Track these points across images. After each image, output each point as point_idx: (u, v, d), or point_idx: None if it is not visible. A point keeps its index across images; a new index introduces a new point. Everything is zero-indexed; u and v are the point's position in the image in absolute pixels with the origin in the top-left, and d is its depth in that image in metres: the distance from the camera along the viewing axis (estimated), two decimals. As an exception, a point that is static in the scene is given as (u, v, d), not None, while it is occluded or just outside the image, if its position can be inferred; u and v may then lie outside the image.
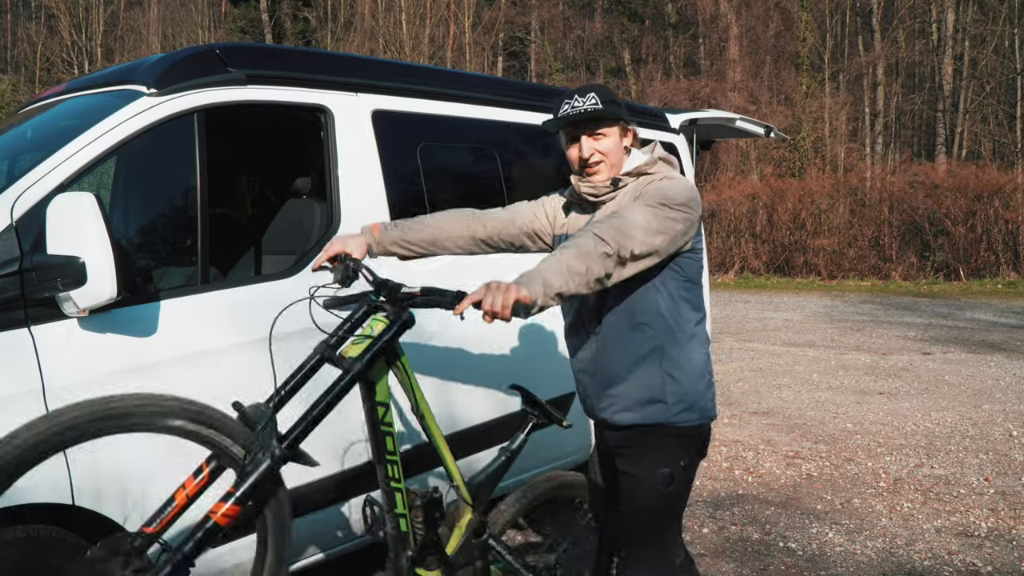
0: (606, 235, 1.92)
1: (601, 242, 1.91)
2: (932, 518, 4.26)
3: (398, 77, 3.29)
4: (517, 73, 32.72)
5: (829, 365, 8.53)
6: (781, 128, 20.89)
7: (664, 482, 2.15)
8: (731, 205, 18.97)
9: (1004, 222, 16.26)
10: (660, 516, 2.20)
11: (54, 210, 2.12)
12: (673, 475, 2.16)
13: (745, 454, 5.43)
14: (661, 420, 2.15)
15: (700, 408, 2.19)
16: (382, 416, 2.11)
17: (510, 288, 1.82)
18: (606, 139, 2.20)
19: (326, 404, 1.96)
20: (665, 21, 30.47)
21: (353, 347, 2.04)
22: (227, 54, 2.75)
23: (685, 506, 2.33)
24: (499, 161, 3.63)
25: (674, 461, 2.16)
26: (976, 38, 26.73)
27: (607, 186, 2.22)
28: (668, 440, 2.16)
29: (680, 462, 2.17)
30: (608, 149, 2.20)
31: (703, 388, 2.21)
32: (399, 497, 2.15)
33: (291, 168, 3.62)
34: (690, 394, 2.17)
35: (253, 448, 1.87)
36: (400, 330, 2.06)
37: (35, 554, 2.10)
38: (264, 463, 1.85)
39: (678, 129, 4.89)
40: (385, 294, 2.08)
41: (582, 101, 2.17)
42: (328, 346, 2.06)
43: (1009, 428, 5.98)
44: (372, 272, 2.20)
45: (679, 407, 2.15)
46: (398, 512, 2.15)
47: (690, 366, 2.18)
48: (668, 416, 2.15)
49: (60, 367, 2.19)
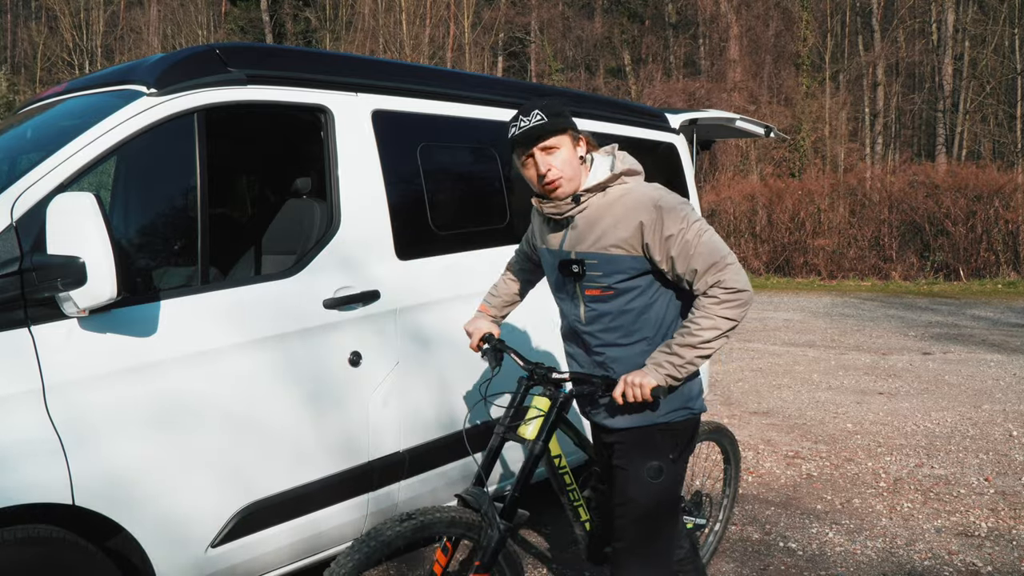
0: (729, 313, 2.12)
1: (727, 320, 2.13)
2: (932, 518, 4.26)
3: (398, 77, 3.29)
4: (517, 73, 32.72)
5: (829, 365, 8.53)
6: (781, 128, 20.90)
7: (653, 475, 2.28)
8: (731, 205, 18.97)
9: (1004, 222, 16.26)
10: (652, 508, 2.30)
11: (54, 210, 2.11)
12: (662, 468, 2.28)
13: (745, 454, 5.43)
14: (653, 422, 2.28)
15: (688, 405, 2.31)
16: (559, 464, 2.56)
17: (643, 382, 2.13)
18: (558, 151, 2.20)
19: (524, 480, 2.34)
20: (665, 21, 30.47)
21: (527, 428, 2.37)
22: (227, 54, 2.75)
23: (680, 499, 2.40)
24: (499, 161, 3.64)
25: (663, 455, 2.28)
26: (976, 38, 26.74)
27: (569, 204, 2.23)
28: (657, 436, 2.28)
29: (669, 455, 2.28)
30: (562, 162, 2.20)
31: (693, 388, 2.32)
32: (581, 511, 2.68)
33: (291, 168, 3.62)
34: (681, 395, 2.29)
35: (484, 526, 2.28)
36: (560, 409, 2.37)
37: (36, 554, 2.10)
38: (495, 537, 2.27)
39: (678, 129, 4.89)
40: (538, 377, 2.40)
41: (527, 120, 2.19)
42: (505, 427, 2.41)
43: (1009, 428, 5.98)
44: (520, 355, 2.49)
45: (668, 408, 2.27)
46: (583, 520, 2.70)
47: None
48: (656, 419, 2.27)
49: (60, 367, 2.19)
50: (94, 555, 2.22)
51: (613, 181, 2.23)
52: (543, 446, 2.34)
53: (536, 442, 2.33)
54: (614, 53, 31.53)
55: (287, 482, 2.71)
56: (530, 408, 2.38)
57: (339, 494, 2.84)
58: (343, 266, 2.90)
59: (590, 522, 2.70)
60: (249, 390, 2.60)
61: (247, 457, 2.60)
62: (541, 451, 2.33)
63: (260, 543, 2.64)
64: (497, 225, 3.59)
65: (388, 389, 2.98)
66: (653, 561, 2.33)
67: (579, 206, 2.23)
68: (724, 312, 2.10)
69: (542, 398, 2.37)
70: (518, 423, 2.40)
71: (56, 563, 2.13)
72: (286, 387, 2.70)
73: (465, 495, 2.34)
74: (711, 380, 7.57)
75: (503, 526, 2.27)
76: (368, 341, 2.92)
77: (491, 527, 2.26)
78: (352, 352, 2.87)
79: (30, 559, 2.08)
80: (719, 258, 2.12)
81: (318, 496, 2.78)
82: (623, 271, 2.21)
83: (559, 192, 2.22)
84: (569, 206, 2.23)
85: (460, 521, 2.26)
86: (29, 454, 2.11)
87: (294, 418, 2.72)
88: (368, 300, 2.93)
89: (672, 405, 2.27)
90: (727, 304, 2.10)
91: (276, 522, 2.68)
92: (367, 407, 2.92)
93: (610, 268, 2.22)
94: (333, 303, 2.82)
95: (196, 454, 2.47)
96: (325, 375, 2.81)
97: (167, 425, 2.40)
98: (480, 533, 2.28)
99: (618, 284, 2.23)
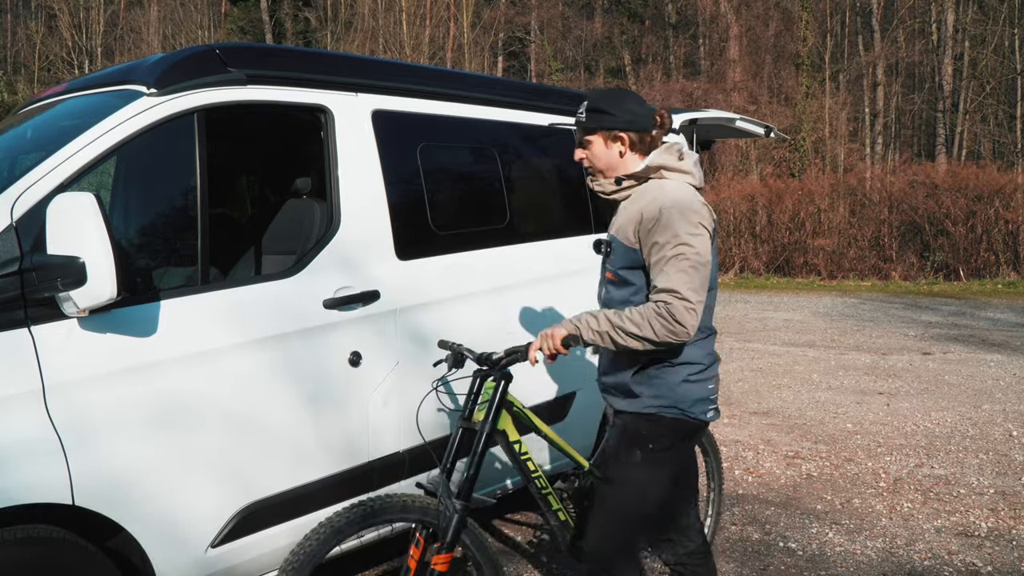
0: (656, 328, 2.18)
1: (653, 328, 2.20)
2: (932, 518, 4.26)
3: (398, 77, 3.29)
4: (517, 73, 32.71)
5: (829, 365, 8.53)
6: (781, 128, 20.89)
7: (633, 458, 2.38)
8: (731, 205, 18.96)
9: (1004, 222, 16.26)
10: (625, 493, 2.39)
11: (54, 210, 2.11)
12: (642, 455, 2.36)
13: (745, 454, 5.43)
14: (640, 410, 2.38)
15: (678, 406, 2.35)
16: (519, 449, 2.65)
17: (554, 331, 2.33)
18: (592, 146, 2.41)
19: (477, 459, 2.47)
20: (665, 21, 30.47)
21: (479, 413, 2.55)
22: (227, 54, 2.75)
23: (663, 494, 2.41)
24: (499, 161, 3.63)
25: (643, 443, 2.37)
26: (976, 38, 26.74)
27: (612, 184, 2.40)
28: (642, 423, 2.37)
29: (649, 445, 2.36)
30: (594, 155, 2.41)
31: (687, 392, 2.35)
32: (552, 499, 2.73)
33: (291, 168, 3.62)
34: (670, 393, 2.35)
35: (441, 510, 2.41)
36: (504, 387, 2.55)
37: (36, 554, 2.10)
38: (453, 516, 2.39)
39: (678, 129, 4.89)
40: (487, 364, 2.57)
41: (580, 108, 2.41)
42: (464, 418, 2.58)
43: (1009, 428, 5.98)
44: (471, 350, 2.65)
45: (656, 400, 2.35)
46: (555, 509, 2.74)
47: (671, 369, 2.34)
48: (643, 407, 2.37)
49: (60, 367, 2.19)
50: (94, 555, 2.22)
51: (649, 173, 2.35)
52: (490, 425, 2.51)
53: (484, 422, 2.51)
54: (614, 53, 31.52)
55: (287, 482, 2.71)
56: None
57: (339, 494, 2.84)
58: (343, 266, 2.90)
59: (563, 511, 2.77)
60: (249, 390, 2.60)
61: (247, 457, 2.60)
62: (486, 429, 2.50)
63: (260, 543, 2.64)
64: (497, 225, 3.58)
65: (388, 389, 2.98)
66: (618, 550, 2.41)
67: (621, 188, 2.39)
68: (655, 324, 2.16)
69: (491, 383, 2.56)
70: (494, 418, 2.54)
71: (56, 563, 2.13)
72: (286, 387, 2.70)
73: (424, 483, 2.49)
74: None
75: (459, 505, 2.39)
76: (368, 341, 2.92)
77: (448, 508, 2.39)
78: (352, 352, 2.87)
79: (30, 559, 2.08)
80: (677, 290, 2.16)
81: (318, 496, 2.78)
82: (625, 260, 2.33)
83: (596, 178, 2.45)
84: (613, 187, 2.41)
85: (414, 506, 2.39)
86: (29, 454, 2.11)
87: (294, 418, 2.72)
88: (368, 300, 2.93)
89: (661, 400, 2.34)
90: (662, 321, 2.16)
91: (276, 522, 2.68)
92: (367, 407, 2.92)
93: (619, 255, 2.36)
94: (333, 303, 2.82)
95: (196, 454, 2.47)
96: (325, 375, 2.81)
97: (167, 425, 2.40)
98: (439, 517, 2.40)
99: (621, 271, 2.35)
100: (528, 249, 3.65)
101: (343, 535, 2.31)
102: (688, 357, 2.34)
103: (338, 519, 2.31)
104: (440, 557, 2.40)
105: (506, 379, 2.56)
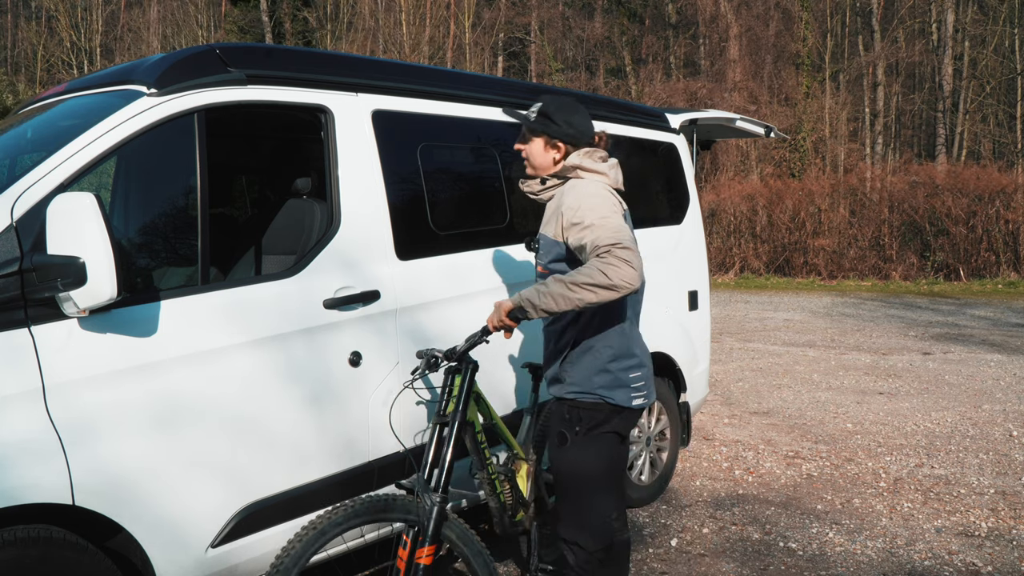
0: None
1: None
2: (932, 518, 4.26)
3: (398, 77, 3.29)
4: (517, 73, 32.70)
5: (829, 365, 8.53)
6: (781, 128, 20.89)
7: (559, 441, 2.60)
8: (731, 205, 18.96)
9: (1004, 222, 16.26)
10: (565, 471, 2.61)
11: (54, 210, 2.11)
12: (566, 436, 2.57)
13: (745, 454, 5.43)
14: (561, 395, 2.61)
15: (594, 391, 2.54)
16: (481, 440, 2.83)
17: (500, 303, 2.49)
18: (532, 145, 2.63)
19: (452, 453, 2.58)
20: (665, 21, 30.45)
21: (450, 406, 2.69)
22: (227, 54, 2.75)
23: (604, 467, 2.59)
24: (499, 161, 3.63)
25: (568, 426, 2.57)
26: (976, 38, 26.74)
27: (538, 185, 2.65)
28: (564, 408, 2.60)
29: (575, 428, 2.56)
30: (531, 153, 2.63)
31: (605, 379, 2.53)
32: (497, 483, 2.95)
33: (291, 168, 3.62)
34: (586, 380, 2.54)
35: (420, 506, 2.49)
36: (470, 374, 2.69)
37: (36, 554, 2.09)
38: (432, 510, 2.47)
39: (678, 129, 4.89)
40: (454, 358, 2.69)
41: (533, 108, 2.62)
42: (439, 415, 2.67)
43: (1009, 428, 5.98)
44: (439, 350, 2.75)
45: (573, 386, 2.56)
46: (498, 492, 2.95)
47: (590, 356, 2.54)
48: (563, 392, 2.59)
49: (60, 367, 2.19)
50: (94, 555, 2.22)
51: (567, 172, 2.57)
52: (460, 414, 2.63)
53: (455, 412, 2.63)
54: (614, 53, 31.50)
55: (287, 482, 2.71)
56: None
57: (339, 494, 2.84)
58: (343, 266, 2.90)
59: (503, 493, 2.96)
60: (249, 390, 2.60)
61: (247, 457, 2.60)
62: (456, 419, 2.62)
63: (260, 543, 2.64)
64: (497, 225, 3.58)
65: (388, 389, 2.98)
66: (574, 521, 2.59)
67: (544, 187, 2.63)
68: (605, 268, 2.24)
69: (458, 376, 2.69)
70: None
71: (56, 563, 2.13)
72: (286, 387, 2.70)
73: (403, 482, 2.58)
74: (712, 380, 7.58)
75: (437, 498, 2.48)
76: (368, 341, 2.92)
77: (427, 502, 2.48)
78: (352, 352, 2.87)
79: (30, 559, 2.08)
80: (615, 242, 2.28)
81: (318, 496, 2.78)
82: (553, 254, 2.54)
83: (525, 178, 2.69)
84: (538, 187, 2.65)
85: (394, 504, 2.45)
86: (29, 454, 2.11)
87: (294, 418, 2.72)
88: (368, 300, 2.93)
89: (577, 386, 2.55)
90: (608, 264, 2.24)
91: (276, 522, 2.68)
92: (367, 407, 2.92)
93: (547, 250, 2.57)
94: (333, 303, 2.82)
95: (196, 454, 2.47)
96: (325, 375, 2.81)
97: (167, 425, 2.40)
98: (419, 513, 2.48)
99: (550, 264, 2.55)
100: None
101: (326, 537, 2.36)
102: (609, 344, 2.53)
103: (320, 522, 2.37)
104: (422, 550, 2.46)
105: (472, 368, 2.68)
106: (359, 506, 2.42)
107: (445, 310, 3.21)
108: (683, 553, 3.84)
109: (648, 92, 26.78)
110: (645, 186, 4.63)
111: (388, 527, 2.95)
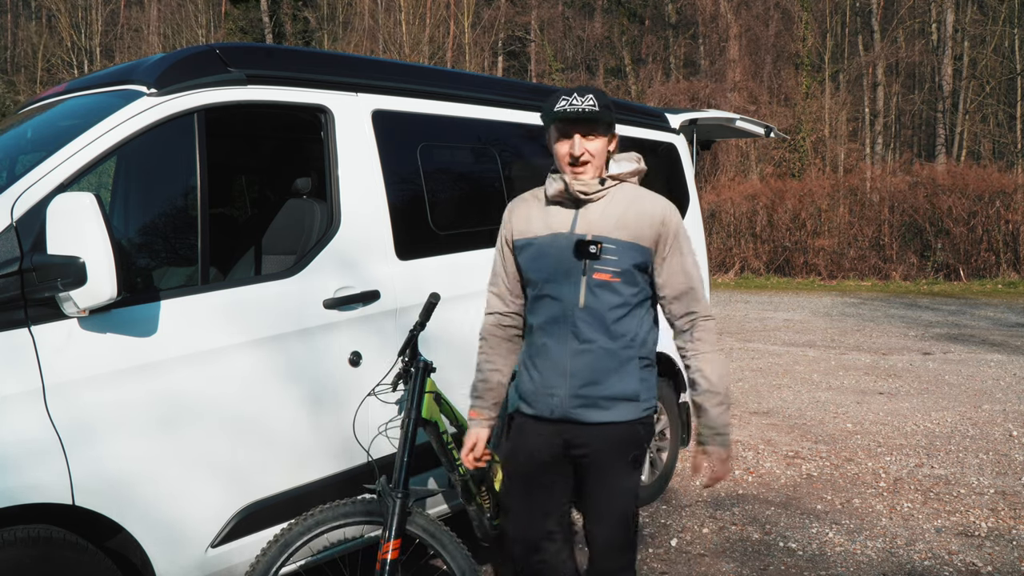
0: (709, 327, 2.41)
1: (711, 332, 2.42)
2: (932, 518, 4.26)
3: (398, 77, 3.29)
4: (517, 73, 32.70)
5: (829, 365, 8.53)
6: (781, 128, 20.89)
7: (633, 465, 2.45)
8: (731, 205, 18.96)
9: (1005, 222, 16.26)
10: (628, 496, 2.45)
11: (54, 210, 2.11)
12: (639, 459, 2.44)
13: (745, 454, 5.43)
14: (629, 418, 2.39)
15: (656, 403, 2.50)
16: (447, 440, 2.82)
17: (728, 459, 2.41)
18: (596, 141, 2.32)
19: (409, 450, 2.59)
20: (665, 21, 30.45)
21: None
22: (227, 54, 2.75)
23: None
24: (499, 161, 3.63)
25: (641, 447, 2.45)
26: (976, 38, 26.73)
27: (597, 185, 2.34)
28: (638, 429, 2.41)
29: (644, 446, 2.46)
30: (597, 151, 2.32)
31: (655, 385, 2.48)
32: (471, 486, 2.94)
33: (291, 168, 3.62)
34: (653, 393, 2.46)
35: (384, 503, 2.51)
36: (421, 373, 2.69)
37: (36, 554, 2.10)
38: (394, 506, 2.49)
39: (678, 129, 4.89)
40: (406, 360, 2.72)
41: (581, 100, 2.26)
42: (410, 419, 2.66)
43: (1009, 428, 5.98)
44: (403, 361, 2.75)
45: (647, 405, 2.43)
46: (473, 494, 2.95)
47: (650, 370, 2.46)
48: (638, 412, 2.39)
49: (60, 367, 2.19)
50: (94, 555, 2.22)
51: (631, 176, 2.45)
52: (416, 412, 2.63)
53: (409, 410, 2.65)
54: (614, 53, 31.49)
55: (287, 482, 2.71)
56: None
57: (339, 495, 2.83)
58: (343, 266, 2.90)
59: (479, 496, 2.94)
60: (249, 390, 2.60)
61: (247, 457, 2.60)
62: (412, 416, 2.62)
63: (260, 543, 2.63)
64: (497, 225, 3.57)
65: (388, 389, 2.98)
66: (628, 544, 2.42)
67: (604, 189, 2.35)
68: (717, 343, 2.39)
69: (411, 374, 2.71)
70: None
71: (56, 563, 2.13)
72: (286, 387, 2.70)
73: (367, 485, 2.60)
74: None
75: (399, 494, 2.49)
76: (368, 341, 2.92)
77: (388, 499, 2.49)
78: (352, 352, 2.87)
79: (30, 559, 2.08)
80: (710, 313, 2.39)
81: (318, 496, 2.78)
82: (635, 259, 2.31)
83: (586, 175, 2.33)
84: (597, 187, 2.34)
85: (357, 509, 2.49)
86: (29, 454, 2.11)
87: (294, 418, 2.72)
88: (368, 300, 2.93)
89: (648, 402, 2.43)
90: (713, 343, 2.38)
91: (276, 522, 2.67)
92: (367, 407, 2.92)
93: (627, 254, 2.30)
94: (333, 303, 2.82)
95: (196, 454, 2.47)
96: (325, 375, 2.81)
97: (167, 425, 2.40)
98: (383, 511, 2.50)
99: (629, 269, 2.30)
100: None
101: (290, 547, 2.39)
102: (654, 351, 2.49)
103: (284, 534, 2.39)
104: (388, 545, 2.47)
105: (425, 369, 2.70)
106: (323, 513, 2.44)
107: (445, 310, 3.20)
108: (683, 553, 3.84)
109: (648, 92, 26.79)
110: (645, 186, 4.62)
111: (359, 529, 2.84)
